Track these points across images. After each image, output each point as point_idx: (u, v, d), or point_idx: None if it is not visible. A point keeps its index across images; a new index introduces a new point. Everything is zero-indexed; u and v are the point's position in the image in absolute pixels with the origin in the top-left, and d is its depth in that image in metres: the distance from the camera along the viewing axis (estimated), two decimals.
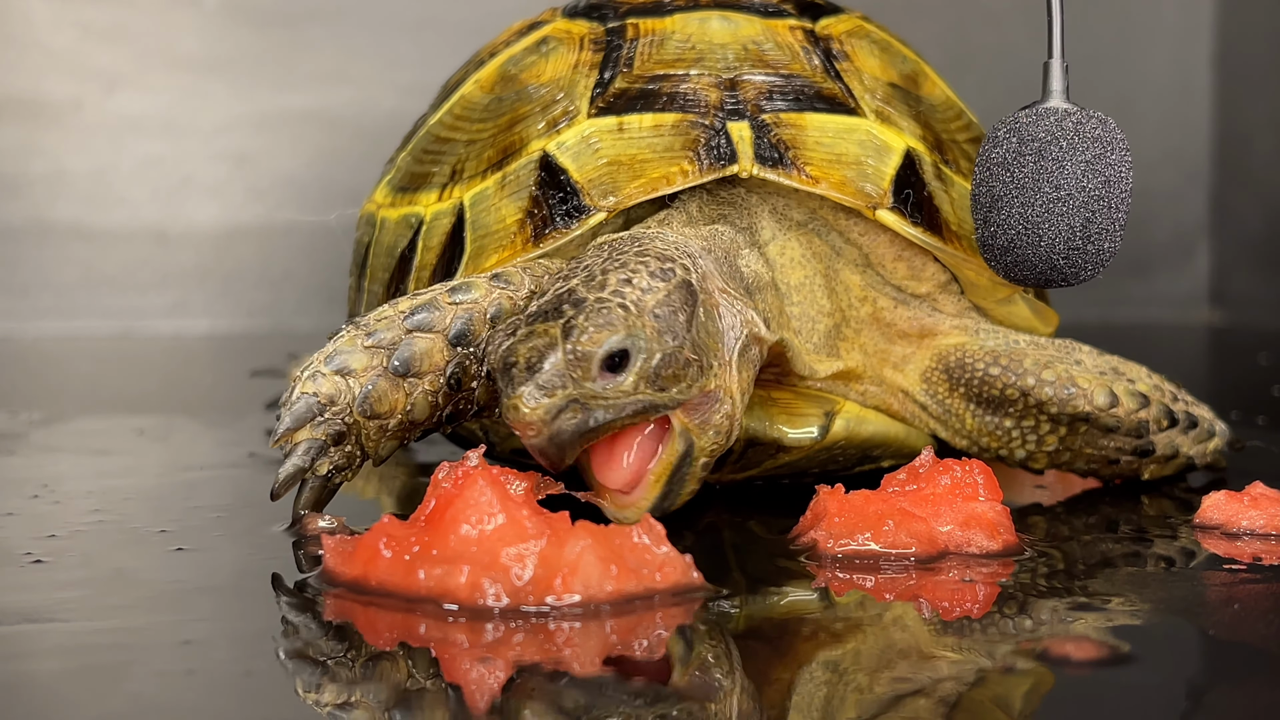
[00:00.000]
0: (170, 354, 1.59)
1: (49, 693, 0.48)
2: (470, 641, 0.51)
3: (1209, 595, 0.60)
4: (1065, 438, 0.75)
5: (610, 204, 0.72)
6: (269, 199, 1.72)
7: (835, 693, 0.48)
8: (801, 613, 0.57)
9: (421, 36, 1.70)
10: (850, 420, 0.75)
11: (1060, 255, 0.70)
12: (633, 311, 0.61)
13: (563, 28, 0.80)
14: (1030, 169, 0.70)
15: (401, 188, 0.82)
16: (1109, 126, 0.71)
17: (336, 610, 0.55)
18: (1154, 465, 0.77)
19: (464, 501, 0.54)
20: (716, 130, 0.73)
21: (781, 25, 0.79)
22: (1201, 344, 1.71)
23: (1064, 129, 0.70)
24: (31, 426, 1.04)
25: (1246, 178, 1.82)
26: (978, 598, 0.58)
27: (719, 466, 0.74)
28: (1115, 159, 0.70)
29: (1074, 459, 0.77)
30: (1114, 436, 0.75)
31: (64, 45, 1.67)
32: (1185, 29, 1.85)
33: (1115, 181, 0.70)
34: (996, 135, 0.71)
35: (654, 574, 0.55)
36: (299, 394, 0.65)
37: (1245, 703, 0.48)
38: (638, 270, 0.63)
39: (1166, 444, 0.77)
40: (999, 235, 0.71)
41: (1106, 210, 0.70)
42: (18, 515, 0.74)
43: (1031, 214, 0.70)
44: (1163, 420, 0.76)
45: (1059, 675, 0.49)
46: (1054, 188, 0.69)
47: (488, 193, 0.75)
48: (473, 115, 0.80)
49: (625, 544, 0.55)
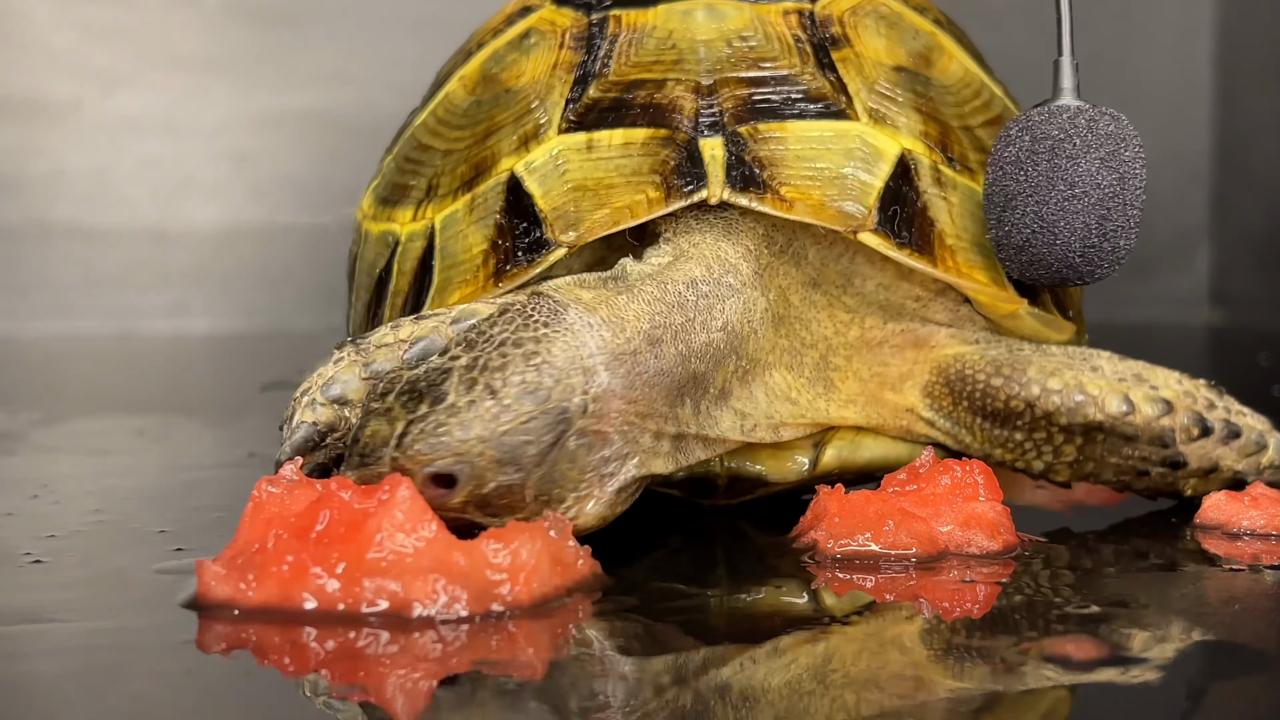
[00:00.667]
0: (170, 354, 1.59)
1: (49, 693, 0.48)
2: (437, 648, 0.51)
3: (1209, 595, 0.60)
4: (1083, 448, 0.72)
5: (570, 239, 0.69)
6: (269, 199, 1.72)
7: (824, 695, 0.48)
8: (787, 612, 0.57)
9: (421, 36, 1.70)
10: (843, 448, 0.72)
11: (1076, 253, 0.69)
12: (474, 435, 0.58)
13: (548, 18, 0.77)
14: (1044, 167, 0.69)
15: (383, 199, 0.81)
16: (1122, 123, 0.70)
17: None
18: (1194, 480, 0.73)
19: (396, 511, 0.53)
20: (687, 150, 0.69)
21: (774, 11, 0.74)
22: (1201, 344, 1.71)
23: (1077, 126, 0.69)
24: (31, 426, 1.04)
25: (1246, 178, 1.82)
26: (977, 598, 0.58)
27: (709, 495, 0.73)
28: (1129, 155, 0.69)
29: (1099, 470, 0.73)
30: (1136, 445, 0.72)
31: (64, 45, 1.67)
32: (1185, 29, 1.85)
33: (1130, 178, 0.69)
34: (1009, 134, 0.70)
35: (576, 566, 0.56)
36: (299, 422, 0.66)
37: (1245, 703, 0.48)
38: (510, 380, 0.59)
39: (1201, 456, 0.72)
40: (1014, 234, 0.70)
41: (1122, 207, 0.69)
42: (18, 515, 0.74)
43: (1046, 213, 0.69)
44: (1193, 429, 0.72)
45: (1059, 675, 0.49)
46: (1068, 186, 0.69)
47: (457, 216, 0.73)
48: (453, 120, 0.78)
49: (548, 539, 0.56)
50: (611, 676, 0.50)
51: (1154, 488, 0.74)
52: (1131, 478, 0.73)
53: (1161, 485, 0.73)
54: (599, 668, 0.51)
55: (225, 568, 0.55)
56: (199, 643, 0.52)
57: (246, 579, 0.54)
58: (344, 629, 0.52)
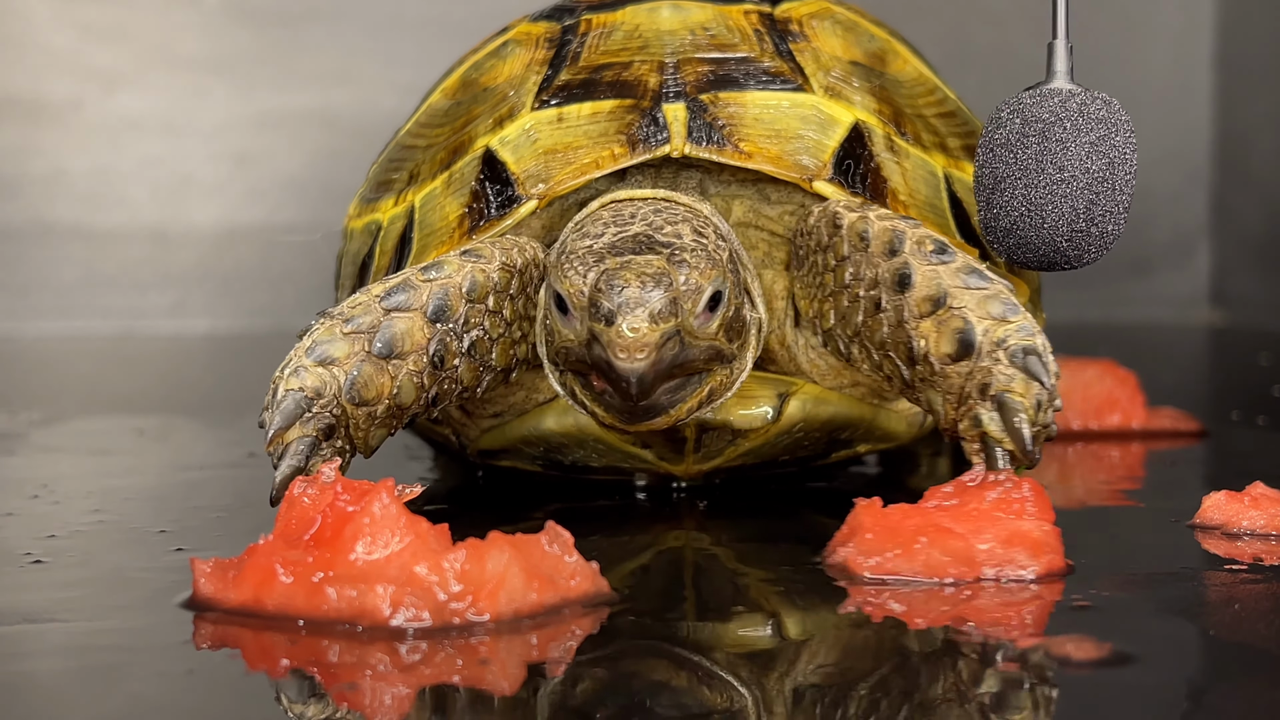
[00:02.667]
0: (170, 354, 1.59)
1: (49, 693, 0.48)
2: (416, 660, 0.51)
3: (1209, 595, 0.60)
4: (836, 271, 0.69)
5: (539, 191, 0.72)
6: (269, 199, 1.72)
7: (824, 695, 0.48)
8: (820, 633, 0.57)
9: (421, 36, 1.70)
10: (807, 401, 0.73)
11: (1064, 238, 0.69)
12: (719, 262, 0.64)
13: (524, 30, 0.81)
14: (1034, 150, 0.69)
15: (368, 199, 0.83)
16: (1114, 108, 0.70)
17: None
18: (925, 323, 0.65)
19: (369, 518, 0.53)
20: (651, 114, 0.73)
21: (736, 10, 0.78)
22: (1201, 344, 1.71)
23: (1068, 110, 0.69)
24: (31, 426, 1.04)
25: (1246, 178, 1.82)
26: (976, 596, 0.58)
27: (679, 456, 0.73)
28: (1120, 140, 0.69)
29: (842, 311, 0.69)
30: (870, 258, 0.67)
31: (64, 45, 1.67)
32: (1185, 29, 1.85)
33: (1120, 163, 0.69)
34: (1000, 116, 0.70)
35: (568, 583, 0.54)
36: (284, 391, 0.64)
37: (1245, 703, 0.48)
38: (702, 230, 0.66)
39: (931, 279, 0.66)
40: (1002, 217, 0.70)
41: (1111, 192, 0.69)
42: (18, 515, 0.74)
43: (1035, 196, 0.69)
44: (927, 243, 0.67)
45: (1059, 675, 0.49)
46: (1058, 169, 0.69)
47: (435, 192, 0.76)
48: (434, 121, 0.81)
49: (538, 553, 0.54)
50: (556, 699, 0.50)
51: (894, 346, 0.67)
52: (871, 317, 0.67)
53: (900, 342, 0.66)
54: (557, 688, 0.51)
55: (212, 567, 0.55)
56: (198, 642, 0.52)
57: (228, 579, 0.54)
58: (326, 634, 0.52)
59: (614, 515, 0.73)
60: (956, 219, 0.75)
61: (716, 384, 0.66)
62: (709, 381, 0.66)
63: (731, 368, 0.67)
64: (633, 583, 0.60)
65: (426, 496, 0.77)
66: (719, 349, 0.65)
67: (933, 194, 0.75)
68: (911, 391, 0.68)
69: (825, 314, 0.71)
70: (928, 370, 0.66)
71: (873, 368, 0.70)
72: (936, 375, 0.65)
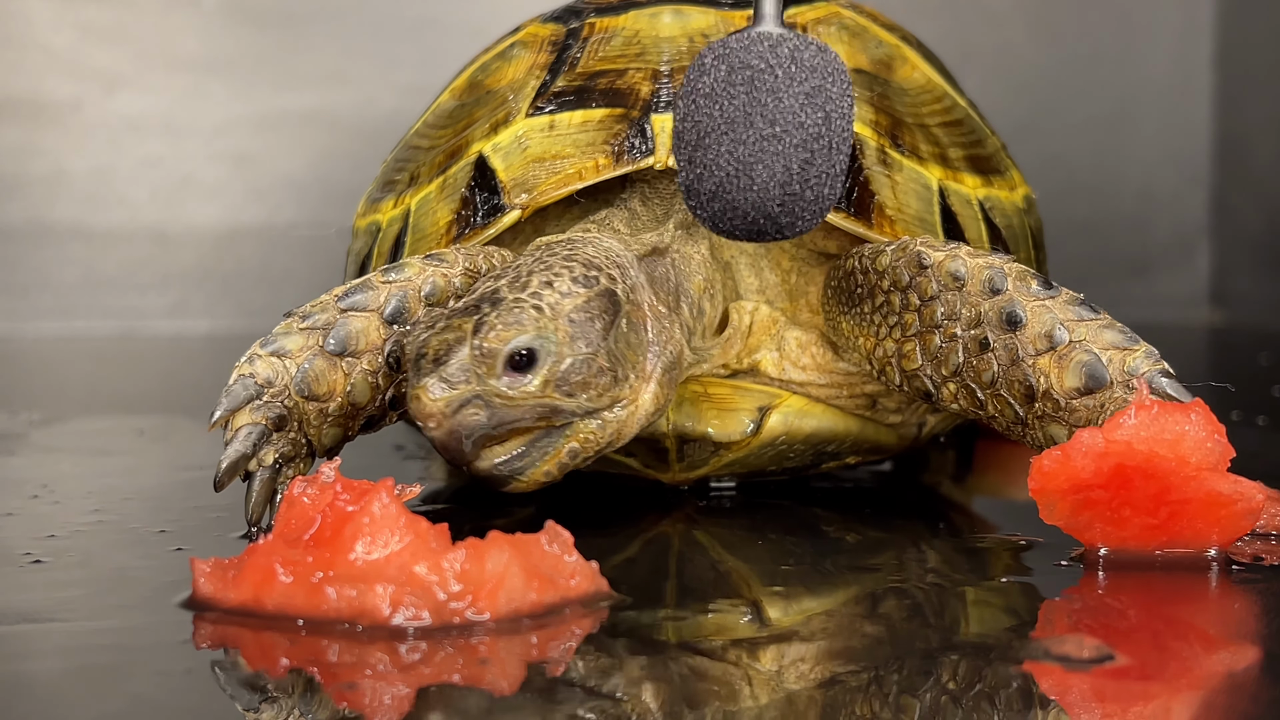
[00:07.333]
0: (170, 354, 1.59)
1: (49, 693, 0.48)
2: (414, 661, 0.51)
3: (1210, 595, 0.60)
4: (922, 311, 0.67)
5: (523, 201, 0.73)
6: (269, 199, 1.72)
7: (822, 695, 0.48)
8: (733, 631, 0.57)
9: (421, 36, 1.70)
10: (789, 415, 0.73)
11: (775, 201, 0.63)
12: (546, 314, 0.61)
13: (532, 31, 0.81)
14: (741, 101, 0.62)
15: (374, 198, 0.85)
16: (829, 55, 0.63)
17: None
18: (1044, 359, 0.64)
19: (368, 518, 0.53)
20: (639, 125, 0.73)
21: (739, 16, 0.78)
22: (1201, 344, 1.71)
23: (779, 57, 0.63)
24: (31, 426, 1.04)
25: (1246, 178, 1.82)
26: (976, 596, 0.58)
27: (664, 465, 0.74)
28: (836, 92, 0.63)
29: (947, 350, 0.66)
30: (967, 296, 0.65)
31: (64, 45, 1.67)
32: (1185, 29, 1.85)
33: (836, 118, 0.63)
34: (704, 62, 0.63)
35: (568, 582, 0.54)
36: (236, 376, 0.66)
37: (1245, 703, 0.48)
38: (560, 274, 0.63)
39: (1040, 315, 0.64)
40: (706, 178, 0.63)
41: (826, 151, 0.63)
42: (18, 515, 0.74)
43: (743, 153, 0.62)
44: (1030, 280, 0.65)
45: (1059, 675, 0.49)
46: (768, 123, 0.62)
47: (430, 197, 0.77)
48: (439, 123, 0.82)
49: (538, 552, 0.54)
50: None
51: (1007, 385, 0.65)
52: (976, 358, 0.65)
53: (1015, 380, 0.65)
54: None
55: (212, 567, 0.55)
56: (198, 642, 0.52)
57: (228, 579, 0.54)
58: (326, 633, 0.52)
59: (614, 513, 0.73)
60: (948, 234, 0.75)
61: (581, 441, 0.63)
62: (569, 440, 0.62)
63: (603, 419, 0.63)
64: (632, 581, 0.60)
65: (426, 496, 0.78)
66: (555, 407, 0.61)
67: (924, 208, 0.74)
68: (1022, 428, 0.65)
69: (910, 354, 0.68)
70: (1050, 406, 0.64)
71: (970, 406, 0.67)
72: (1062, 410, 0.64)
